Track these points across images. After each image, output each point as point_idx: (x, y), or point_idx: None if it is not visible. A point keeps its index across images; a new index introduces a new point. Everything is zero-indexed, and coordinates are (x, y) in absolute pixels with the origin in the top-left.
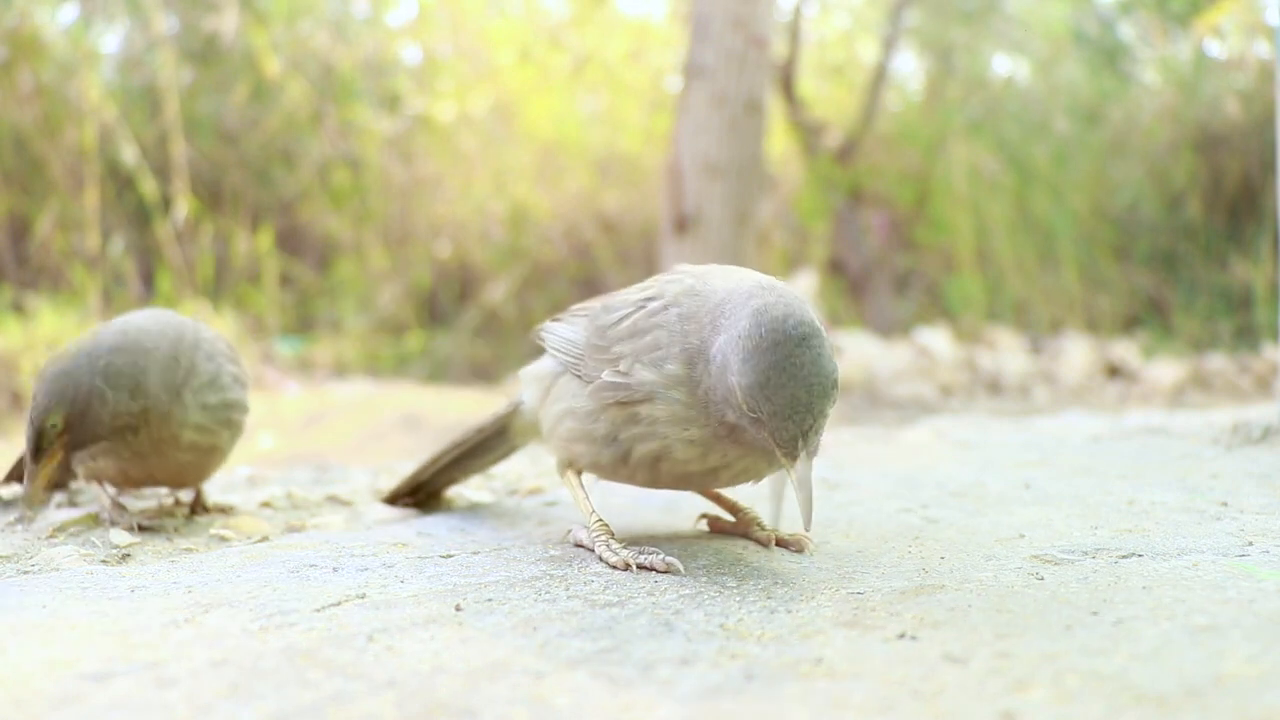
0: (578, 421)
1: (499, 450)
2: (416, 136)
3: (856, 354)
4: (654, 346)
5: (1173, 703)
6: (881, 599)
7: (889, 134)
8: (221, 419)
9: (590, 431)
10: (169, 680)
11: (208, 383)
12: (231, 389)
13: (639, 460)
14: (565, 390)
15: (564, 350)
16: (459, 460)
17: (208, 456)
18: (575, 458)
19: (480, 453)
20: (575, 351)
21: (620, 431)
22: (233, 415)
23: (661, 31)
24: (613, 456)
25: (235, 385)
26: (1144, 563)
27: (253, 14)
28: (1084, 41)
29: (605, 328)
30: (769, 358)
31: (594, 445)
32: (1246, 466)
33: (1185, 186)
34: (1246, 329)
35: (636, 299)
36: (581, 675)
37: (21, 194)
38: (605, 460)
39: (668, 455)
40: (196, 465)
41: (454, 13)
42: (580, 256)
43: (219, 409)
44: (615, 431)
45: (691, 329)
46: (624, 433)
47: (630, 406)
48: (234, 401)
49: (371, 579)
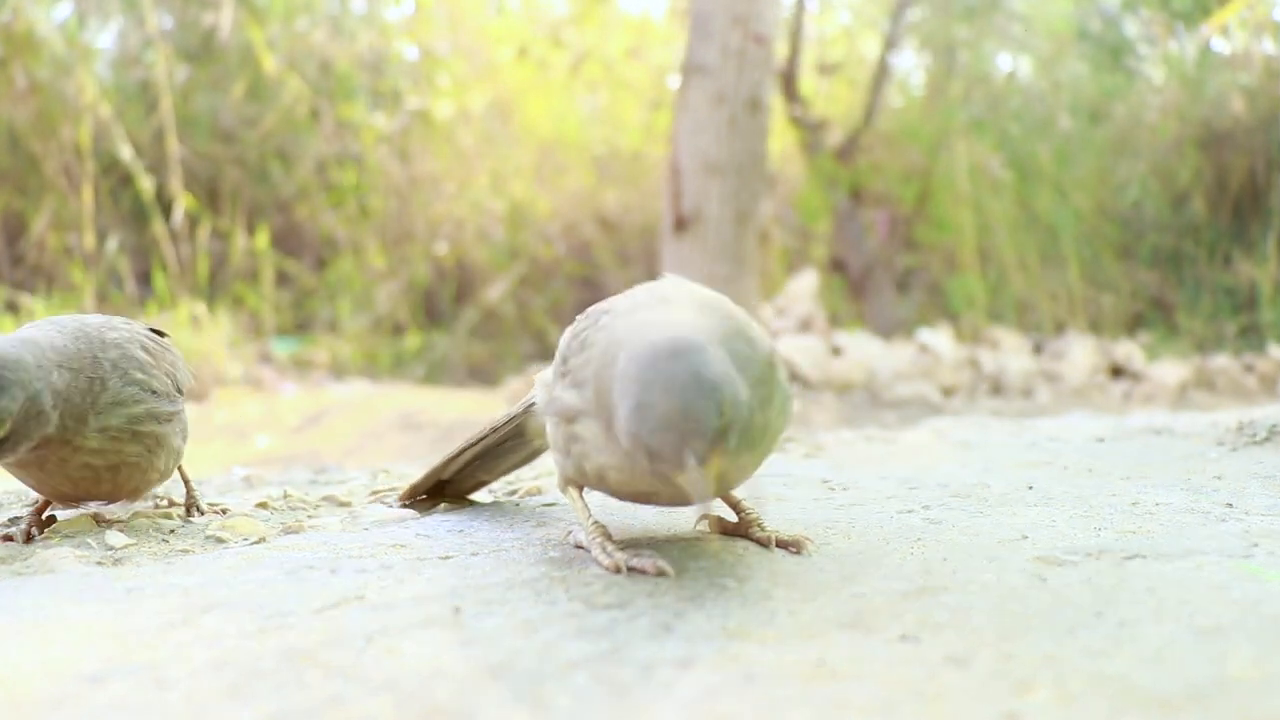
0: (552, 432)
1: (521, 452)
2: (414, 134)
3: (857, 354)
4: (583, 365)
5: (1176, 705)
6: (883, 600)
7: (890, 132)
8: (126, 434)
9: (555, 441)
10: (166, 682)
11: (111, 401)
12: (138, 402)
13: (590, 474)
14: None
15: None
16: (482, 460)
17: (116, 473)
18: (572, 474)
19: (502, 453)
20: (555, 362)
21: (570, 446)
22: (140, 429)
23: (661, 29)
24: (574, 468)
25: (145, 395)
26: (1148, 564)
27: (249, 10)
28: (1087, 38)
29: (572, 335)
30: (638, 381)
31: (560, 455)
32: (1251, 467)
33: (1190, 184)
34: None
35: (601, 307)
36: (581, 677)
37: (16, 193)
38: (570, 472)
39: (605, 475)
40: (107, 481)
41: (452, 9)
42: (579, 256)
43: (122, 427)
44: (568, 446)
45: (609, 357)
46: (573, 448)
47: (570, 424)
48: (140, 415)
49: (370, 580)
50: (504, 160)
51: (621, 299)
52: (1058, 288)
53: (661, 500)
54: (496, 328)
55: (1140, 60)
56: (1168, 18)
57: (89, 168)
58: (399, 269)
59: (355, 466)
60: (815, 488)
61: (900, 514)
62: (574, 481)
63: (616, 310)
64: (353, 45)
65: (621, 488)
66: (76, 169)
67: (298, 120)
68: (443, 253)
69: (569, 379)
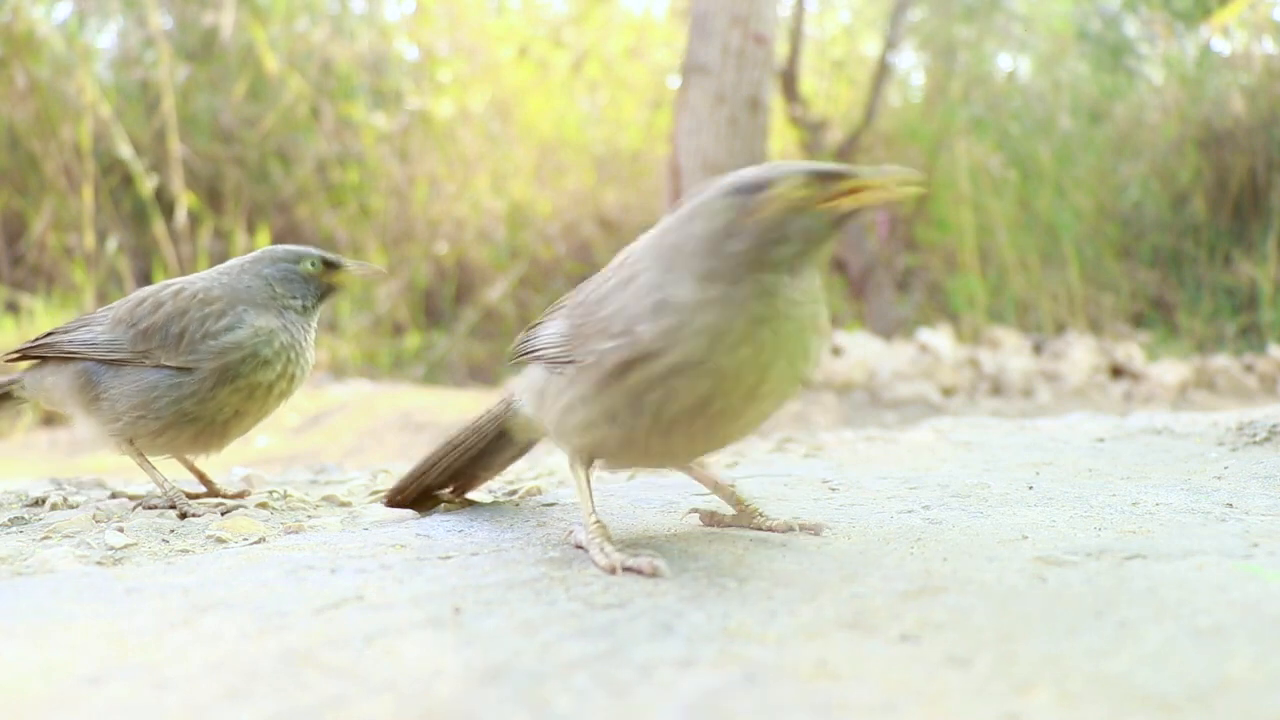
0: (587, 408)
1: (509, 451)
2: (415, 134)
3: (858, 354)
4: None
5: (1177, 705)
6: (884, 601)
7: (890, 132)
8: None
9: (609, 409)
10: (165, 683)
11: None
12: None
13: (672, 419)
14: (560, 385)
15: (550, 347)
16: (467, 462)
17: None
18: (593, 446)
19: (489, 452)
20: (560, 342)
21: (646, 394)
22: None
23: (661, 29)
24: (634, 427)
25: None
26: (1148, 564)
27: (250, 10)
28: (1087, 38)
29: (584, 303)
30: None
31: (612, 423)
32: (1252, 467)
33: (1190, 185)
34: (1252, 328)
35: (603, 274)
36: (582, 678)
37: (16, 193)
38: (625, 433)
39: (710, 398)
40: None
41: (453, 9)
42: (579, 255)
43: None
44: (638, 397)
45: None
46: (650, 395)
47: (652, 360)
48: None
49: (369, 580)
50: (504, 160)
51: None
52: (1058, 288)
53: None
54: (496, 328)
55: (1140, 60)
56: (1168, 18)
57: (89, 168)
58: (399, 269)
59: (355, 466)
60: (815, 488)
61: (900, 514)
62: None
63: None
64: (353, 45)
65: (723, 399)
66: (76, 169)
67: (298, 120)
68: (443, 253)
69: (621, 319)
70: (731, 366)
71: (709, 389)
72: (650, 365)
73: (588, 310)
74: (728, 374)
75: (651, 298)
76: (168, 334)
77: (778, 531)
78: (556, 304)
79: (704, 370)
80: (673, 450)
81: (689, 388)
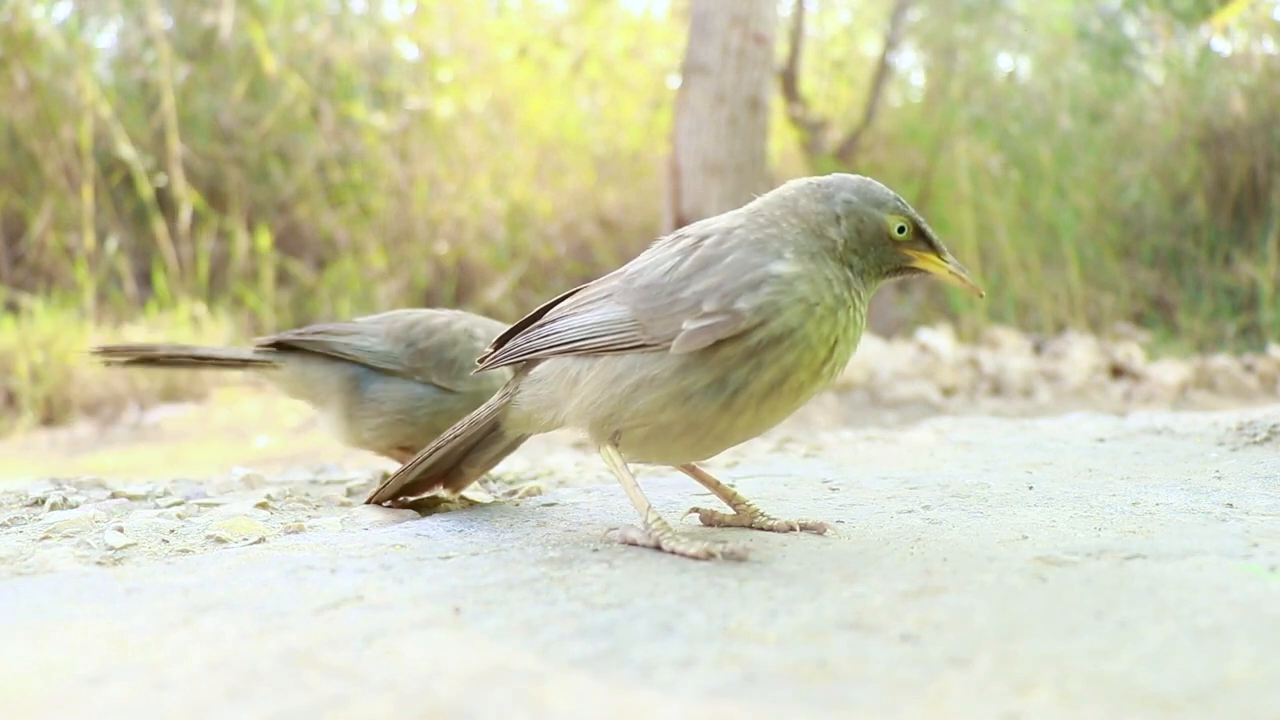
0: (657, 390)
1: (498, 446)
2: (415, 134)
3: (857, 354)
4: (744, 263)
5: (1177, 705)
6: (884, 600)
7: (890, 132)
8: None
9: (684, 390)
10: (165, 683)
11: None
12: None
13: (750, 396)
14: (616, 371)
15: (605, 334)
16: (454, 459)
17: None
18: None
19: (478, 447)
20: (625, 327)
21: (733, 371)
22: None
23: (661, 29)
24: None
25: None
26: (1148, 564)
27: (250, 10)
28: (1087, 38)
29: (651, 286)
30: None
31: (684, 404)
32: (1252, 467)
33: (1190, 184)
34: (1252, 328)
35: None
36: (582, 678)
37: (16, 193)
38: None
39: (791, 370)
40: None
41: (453, 9)
42: (579, 255)
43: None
44: (725, 374)
45: (775, 229)
46: (737, 371)
47: (748, 335)
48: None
49: (369, 580)
50: (504, 160)
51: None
52: (1058, 288)
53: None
54: None
55: (1141, 60)
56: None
57: (89, 168)
58: (399, 269)
59: (355, 466)
60: (816, 488)
61: (900, 514)
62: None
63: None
64: (353, 45)
65: (805, 371)
66: (76, 169)
67: (298, 120)
68: (443, 252)
69: (713, 299)
70: (817, 337)
71: (794, 360)
72: (745, 340)
73: (661, 292)
74: (813, 344)
75: (750, 274)
76: (441, 358)
77: (778, 531)
78: (555, 302)
79: (795, 339)
80: (731, 433)
81: (777, 359)
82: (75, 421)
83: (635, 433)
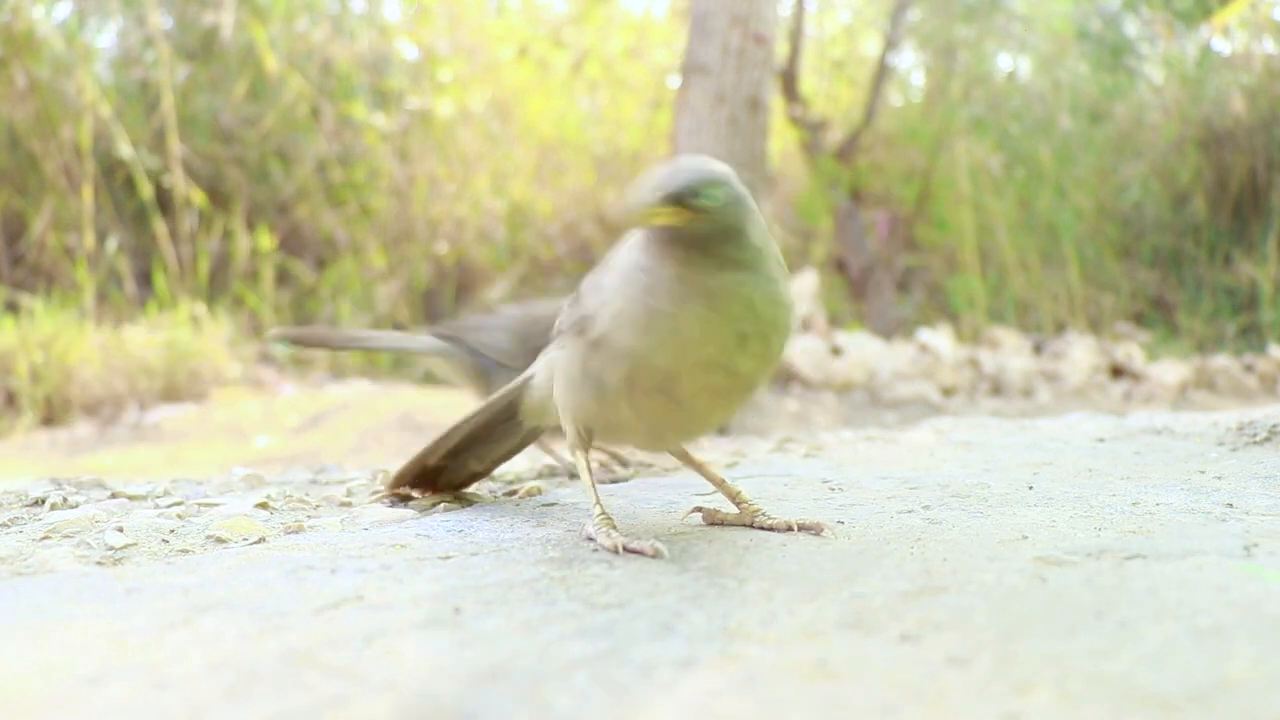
0: (567, 379)
1: (513, 438)
2: (415, 134)
3: (857, 354)
4: (598, 287)
5: (1177, 706)
6: (884, 601)
7: (891, 132)
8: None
9: (572, 379)
10: (165, 683)
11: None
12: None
13: (616, 390)
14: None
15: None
16: (471, 444)
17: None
18: (582, 421)
19: (493, 438)
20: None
21: (588, 361)
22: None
23: (661, 29)
24: (595, 395)
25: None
26: (1148, 565)
27: (250, 10)
28: (1087, 38)
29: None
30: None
31: (580, 393)
32: (1252, 467)
33: (1190, 184)
34: (1252, 328)
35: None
36: (582, 678)
37: (16, 193)
38: (592, 402)
39: (639, 363)
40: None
41: (453, 9)
42: (579, 255)
43: None
44: (585, 364)
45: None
46: (591, 362)
47: (589, 329)
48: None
49: (369, 580)
50: (504, 160)
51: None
52: (1058, 288)
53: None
54: None
55: (1141, 60)
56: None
57: (89, 168)
58: (399, 269)
59: (355, 466)
60: (815, 488)
61: (900, 514)
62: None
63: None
64: (353, 45)
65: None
66: (76, 169)
67: (298, 120)
68: (443, 253)
69: (589, 301)
70: (642, 348)
71: (633, 362)
72: (586, 336)
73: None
74: (639, 355)
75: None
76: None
77: (779, 531)
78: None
79: (622, 350)
80: (632, 424)
81: (619, 370)
82: (75, 421)
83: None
